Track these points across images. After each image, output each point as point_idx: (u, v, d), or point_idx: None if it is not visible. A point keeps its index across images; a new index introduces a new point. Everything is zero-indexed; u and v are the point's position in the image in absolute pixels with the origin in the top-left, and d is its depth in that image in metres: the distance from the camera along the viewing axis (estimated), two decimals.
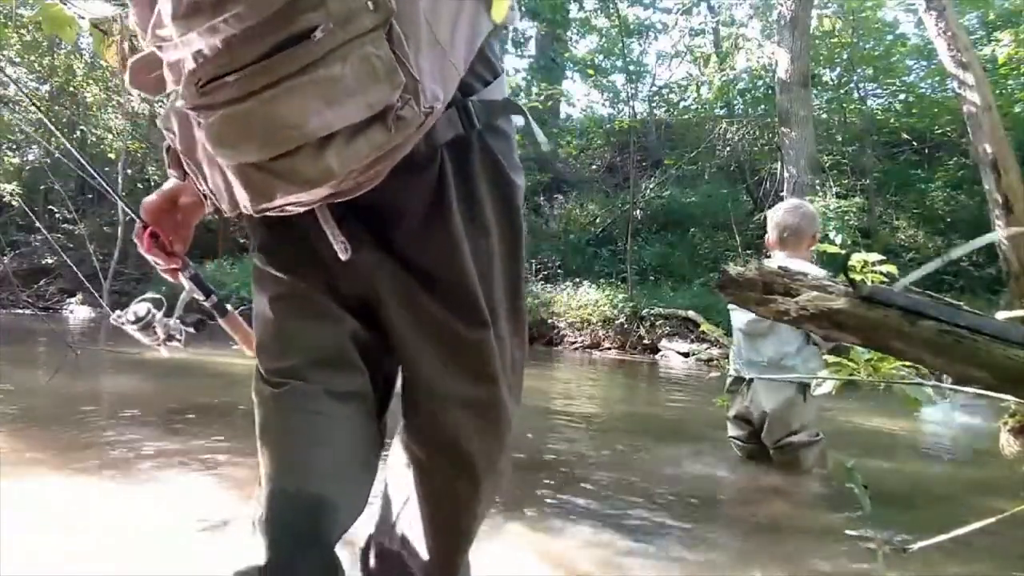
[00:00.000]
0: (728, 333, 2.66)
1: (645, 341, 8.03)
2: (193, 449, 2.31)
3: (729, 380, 2.54)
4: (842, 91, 11.16)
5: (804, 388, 2.34)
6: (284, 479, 0.83)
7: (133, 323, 1.11)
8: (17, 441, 2.29)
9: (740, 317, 2.50)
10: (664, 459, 2.59)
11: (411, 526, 1.03)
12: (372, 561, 1.09)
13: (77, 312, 10.61)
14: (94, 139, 11.84)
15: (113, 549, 1.43)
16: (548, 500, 1.99)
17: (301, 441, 0.85)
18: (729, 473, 2.45)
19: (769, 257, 2.58)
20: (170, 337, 1.13)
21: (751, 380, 2.43)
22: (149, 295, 1.15)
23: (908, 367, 1.58)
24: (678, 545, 1.69)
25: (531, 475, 2.28)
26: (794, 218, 2.46)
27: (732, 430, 2.56)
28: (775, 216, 2.51)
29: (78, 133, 12.07)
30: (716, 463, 2.54)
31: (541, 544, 1.60)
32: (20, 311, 9.95)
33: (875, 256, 1.61)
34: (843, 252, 1.43)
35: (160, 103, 1.17)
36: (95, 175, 1.25)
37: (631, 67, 12.72)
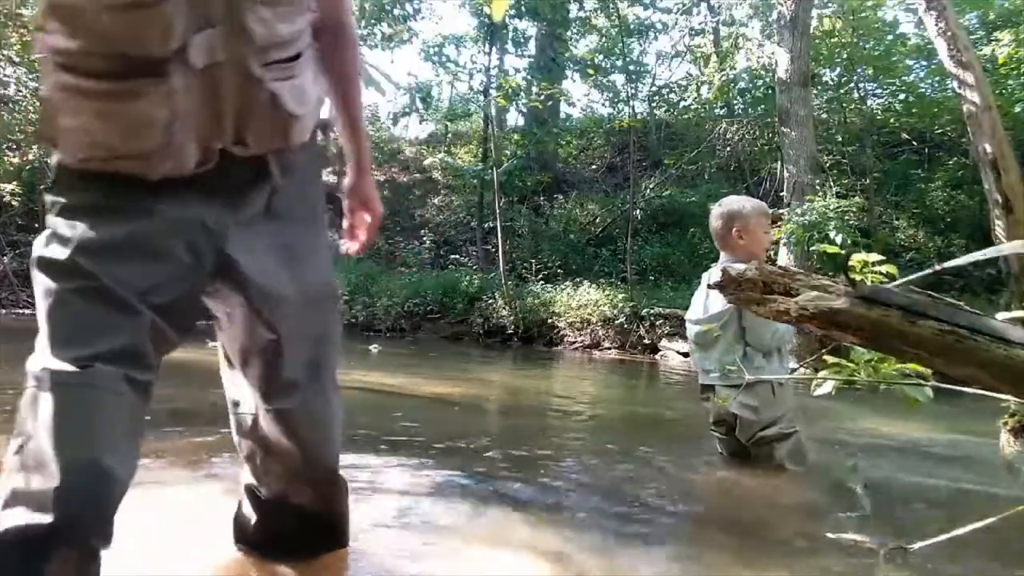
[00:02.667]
0: None
1: (645, 341, 8.03)
2: (192, 449, 2.31)
3: (700, 388, 2.57)
4: (842, 91, 11.14)
5: (771, 385, 2.39)
6: (81, 451, 0.91)
7: None
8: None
9: (690, 328, 2.56)
10: (663, 459, 2.59)
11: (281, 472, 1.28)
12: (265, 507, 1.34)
13: None
14: None
15: (112, 549, 1.43)
16: (545, 500, 1.99)
17: (99, 416, 0.95)
18: (728, 473, 2.45)
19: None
20: None
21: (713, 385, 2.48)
22: None
23: (909, 368, 1.58)
24: (677, 545, 1.69)
25: (529, 475, 2.28)
26: (712, 223, 2.55)
27: (713, 427, 2.59)
28: None
29: None
30: (714, 463, 2.54)
31: (538, 544, 1.60)
32: (20, 311, 9.94)
33: (875, 256, 1.61)
34: (843, 252, 1.43)
35: None
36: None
37: (631, 67, 12.71)
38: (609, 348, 8.17)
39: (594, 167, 14.27)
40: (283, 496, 1.30)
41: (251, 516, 1.37)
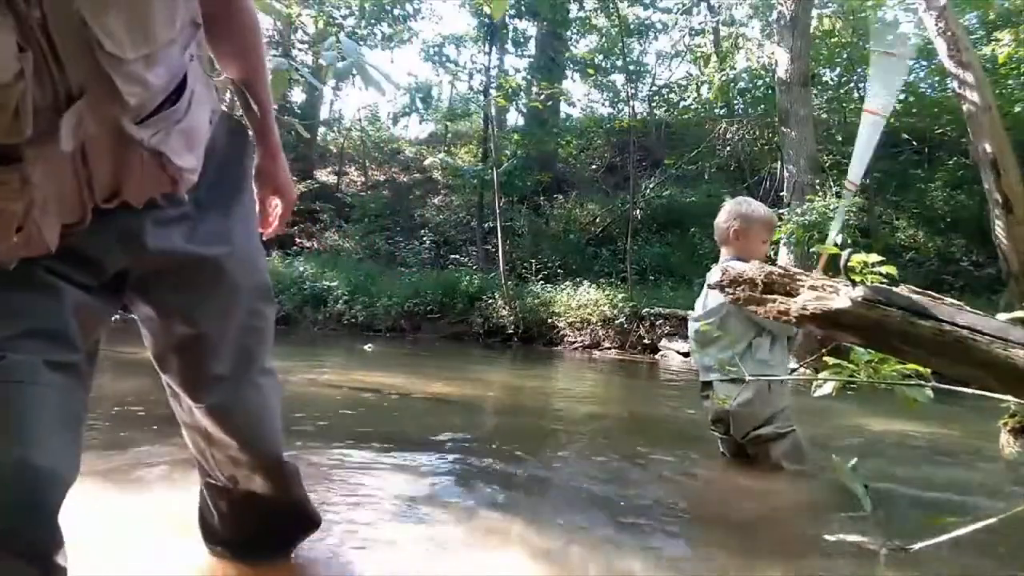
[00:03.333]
0: None
1: (645, 341, 8.03)
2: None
3: (700, 386, 2.58)
4: (842, 91, 11.15)
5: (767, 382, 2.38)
6: (4, 452, 0.82)
7: None
8: None
9: (691, 326, 2.58)
10: (663, 459, 2.59)
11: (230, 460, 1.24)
12: (218, 501, 1.32)
13: None
14: None
15: (113, 550, 1.43)
16: (545, 499, 1.99)
17: (21, 411, 0.85)
18: (728, 473, 2.45)
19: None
20: None
21: (712, 383, 2.49)
22: None
23: (909, 368, 1.58)
24: (677, 545, 1.69)
25: (528, 475, 2.28)
26: (718, 216, 2.59)
27: (713, 429, 2.59)
28: None
29: None
30: (715, 463, 2.54)
31: (537, 544, 1.60)
32: None
33: (875, 256, 1.61)
34: (843, 252, 1.43)
35: None
36: None
37: (631, 67, 12.72)
38: (609, 348, 8.18)
39: (594, 167, 14.28)
40: (235, 482, 1.27)
41: (215, 511, 1.34)
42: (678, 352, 7.50)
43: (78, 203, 0.89)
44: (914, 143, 10.91)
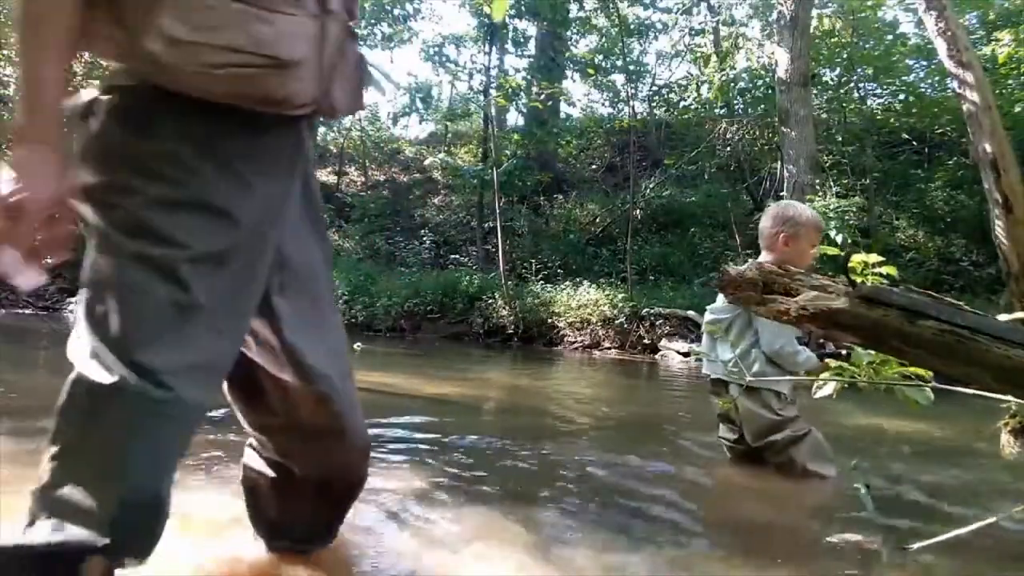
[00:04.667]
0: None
1: (645, 341, 8.04)
2: (192, 449, 2.31)
3: (711, 381, 2.55)
4: (842, 91, 11.15)
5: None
6: (145, 481, 0.93)
7: None
8: (17, 442, 2.29)
9: (706, 317, 2.57)
10: (663, 460, 2.59)
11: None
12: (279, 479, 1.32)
13: (78, 311, 10.56)
14: None
15: None
16: (545, 500, 1.99)
17: (170, 447, 0.96)
18: (729, 474, 2.45)
19: None
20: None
21: (725, 382, 2.46)
22: None
23: (909, 370, 1.58)
24: (677, 546, 1.69)
25: (528, 475, 2.28)
26: (763, 221, 2.55)
27: (722, 431, 2.57)
28: None
29: None
30: (716, 464, 2.54)
31: (537, 544, 1.60)
32: (20, 311, 9.94)
33: (875, 257, 1.61)
34: (843, 252, 1.43)
35: None
36: None
37: (631, 67, 12.72)
38: (609, 348, 8.18)
39: (594, 167, 14.28)
40: (320, 472, 1.30)
41: (273, 497, 1.34)
42: (678, 352, 7.51)
43: (318, 71, 0.99)
44: (914, 143, 10.91)
